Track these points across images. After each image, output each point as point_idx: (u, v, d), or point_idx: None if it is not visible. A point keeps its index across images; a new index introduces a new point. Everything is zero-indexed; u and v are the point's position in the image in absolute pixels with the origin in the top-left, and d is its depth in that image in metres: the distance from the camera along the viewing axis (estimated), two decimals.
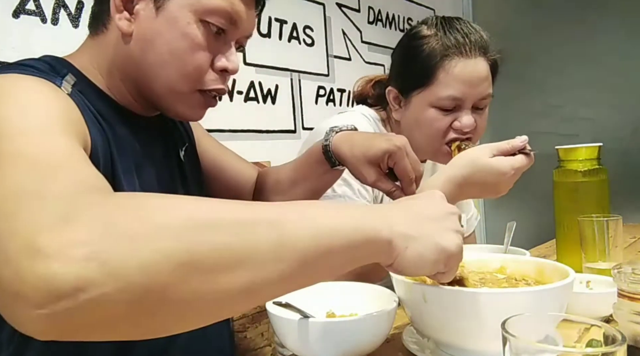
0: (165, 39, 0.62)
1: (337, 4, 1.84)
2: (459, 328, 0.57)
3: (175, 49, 0.62)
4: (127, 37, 0.63)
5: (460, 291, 0.57)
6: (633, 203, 1.76)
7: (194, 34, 0.62)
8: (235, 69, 0.67)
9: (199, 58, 0.63)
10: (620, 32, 2.10)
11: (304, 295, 0.67)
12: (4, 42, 1.01)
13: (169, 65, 0.62)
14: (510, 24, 2.44)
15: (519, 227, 1.00)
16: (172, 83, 0.64)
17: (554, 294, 0.55)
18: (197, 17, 0.62)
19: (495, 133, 2.50)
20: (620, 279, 0.56)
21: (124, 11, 0.62)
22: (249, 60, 1.52)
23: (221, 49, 0.66)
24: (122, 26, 0.62)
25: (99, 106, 0.63)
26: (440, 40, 0.95)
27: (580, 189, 0.96)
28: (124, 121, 0.66)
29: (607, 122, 2.14)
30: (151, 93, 0.66)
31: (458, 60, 0.93)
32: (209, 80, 0.65)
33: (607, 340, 0.36)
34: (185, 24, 0.61)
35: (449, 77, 0.93)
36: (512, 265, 0.71)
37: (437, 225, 0.48)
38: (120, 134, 0.64)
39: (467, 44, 0.94)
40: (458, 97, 0.94)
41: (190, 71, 0.63)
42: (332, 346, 0.57)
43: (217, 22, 0.63)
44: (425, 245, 0.46)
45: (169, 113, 0.69)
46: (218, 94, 0.69)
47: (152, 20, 0.62)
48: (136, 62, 0.63)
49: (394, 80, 1.03)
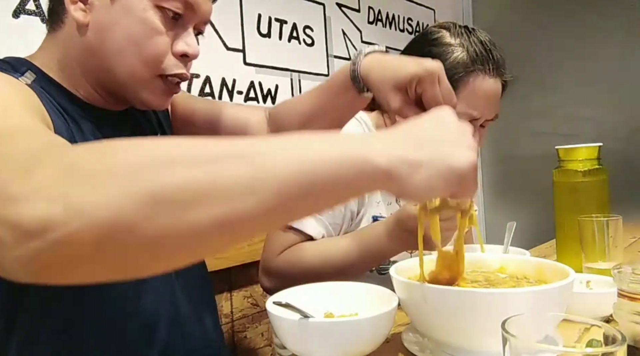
0: (122, 26, 0.62)
1: (337, 4, 1.84)
2: (459, 328, 0.57)
3: (133, 35, 0.62)
4: (83, 28, 0.63)
5: (460, 291, 0.57)
6: (633, 203, 1.76)
7: (151, 20, 0.62)
8: (194, 53, 0.67)
9: (158, 43, 0.63)
10: (620, 32, 2.10)
11: (304, 295, 0.68)
12: (4, 42, 1.01)
13: (128, 52, 0.63)
14: (511, 24, 2.44)
15: (519, 227, 1.00)
16: (132, 69, 0.64)
17: (554, 294, 0.55)
18: (153, 3, 0.62)
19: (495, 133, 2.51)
20: (620, 279, 0.56)
21: (78, 2, 0.62)
22: (249, 60, 1.52)
23: (179, 34, 0.66)
24: (78, 17, 0.62)
25: (61, 102, 0.63)
26: (466, 51, 0.93)
27: (580, 189, 0.96)
28: (88, 116, 0.66)
29: (607, 122, 2.14)
30: (113, 83, 0.66)
31: (482, 79, 0.92)
32: (169, 65, 0.66)
33: (607, 340, 0.36)
34: (141, 10, 0.62)
35: (471, 95, 0.92)
36: (512, 265, 0.71)
37: (446, 144, 0.44)
38: (84, 129, 0.64)
39: (491, 61, 0.92)
40: (475, 116, 0.93)
41: (149, 56, 0.64)
42: (332, 346, 0.57)
43: (173, 7, 0.63)
44: (433, 168, 0.42)
45: (133, 101, 0.69)
46: (180, 80, 0.69)
47: (108, 9, 0.62)
48: (95, 52, 0.64)
49: None
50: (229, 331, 1.29)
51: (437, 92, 0.65)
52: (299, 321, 0.57)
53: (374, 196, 1.01)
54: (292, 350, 0.61)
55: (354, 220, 0.99)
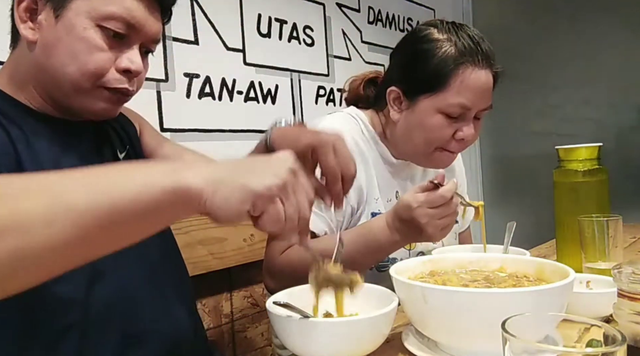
0: (65, 43, 0.66)
1: (337, 4, 1.84)
2: (459, 328, 0.57)
3: (74, 51, 0.66)
4: (32, 45, 0.67)
5: (460, 292, 0.57)
6: (633, 203, 1.76)
7: (91, 38, 0.66)
8: (137, 70, 0.70)
9: (98, 58, 0.67)
10: (620, 32, 2.11)
11: (304, 295, 0.68)
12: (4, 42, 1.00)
13: (70, 66, 0.66)
14: (511, 24, 2.44)
15: (519, 227, 1.00)
16: (74, 81, 0.67)
17: (554, 294, 0.55)
18: (94, 23, 0.66)
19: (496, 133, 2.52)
20: (620, 279, 0.56)
21: (27, 21, 0.67)
22: (249, 60, 1.52)
23: (124, 51, 0.69)
24: (27, 35, 0.67)
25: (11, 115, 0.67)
26: (454, 45, 0.94)
27: (580, 189, 0.96)
28: (43, 126, 0.70)
29: (607, 122, 2.14)
30: (60, 95, 0.69)
31: (472, 70, 0.93)
32: (111, 79, 0.69)
33: (607, 340, 0.36)
34: (81, 29, 0.66)
35: (461, 85, 0.92)
36: (512, 265, 0.71)
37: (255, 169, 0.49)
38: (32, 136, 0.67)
39: (480, 53, 0.94)
40: (467, 106, 0.93)
41: (90, 69, 0.67)
42: (332, 346, 0.57)
43: (114, 27, 0.67)
44: (232, 188, 0.47)
45: (80, 111, 0.72)
46: (124, 94, 0.72)
47: (53, 28, 0.66)
48: (42, 67, 0.68)
49: (397, 82, 1.01)
50: (229, 331, 1.29)
51: (330, 160, 0.68)
52: (299, 321, 0.57)
53: (373, 192, 1.01)
54: (292, 350, 0.61)
55: (354, 216, 0.99)
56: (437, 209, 0.79)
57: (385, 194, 1.03)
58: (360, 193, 0.99)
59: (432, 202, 0.79)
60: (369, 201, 1.01)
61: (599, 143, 0.97)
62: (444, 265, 0.73)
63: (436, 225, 0.80)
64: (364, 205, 1.00)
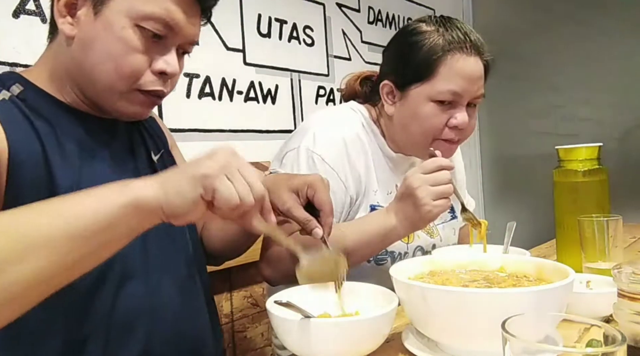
0: (102, 41, 0.65)
1: (337, 4, 1.84)
2: (459, 328, 0.57)
3: (111, 51, 0.65)
4: (69, 40, 0.67)
5: (460, 292, 0.57)
6: (633, 203, 1.76)
7: (129, 38, 0.65)
8: (173, 72, 0.69)
9: (135, 60, 0.66)
10: (620, 32, 2.10)
11: (304, 294, 0.68)
12: (4, 42, 1.01)
13: (106, 65, 0.66)
14: (510, 24, 2.44)
15: (519, 227, 1.00)
16: (110, 82, 0.67)
17: (554, 294, 0.55)
18: (133, 22, 0.65)
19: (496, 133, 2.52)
20: (620, 279, 0.56)
21: (67, 16, 0.66)
22: (249, 60, 1.52)
23: (160, 53, 0.68)
24: (65, 30, 0.66)
25: (43, 110, 0.67)
26: (442, 35, 0.95)
27: (580, 189, 0.96)
28: (76, 122, 0.69)
29: (607, 122, 2.14)
30: (94, 93, 0.69)
31: (460, 56, 0.94)
32: (147, 81, 0.68)
33: (607, 340, 0.36)
34: (119, 28, 0.65)
35: (450, 71, 0.93)
36: (512, 265, 0.71)
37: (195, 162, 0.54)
38: (65, 134, 0.67)
39: (468, 42, 0.95)
40: (458, 92, 0.94)
41: (126, 72, 0.66)
42: (332, 346, 0.57)
43: (152, 27, 0.66)
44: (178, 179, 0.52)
45: (112, 112, 0.71)
46: (158, 96, 0.71)
47: (91, 25, 0.65)
48: (78, 63, 0.67)
49: (388, 75, 1.02)
50: (229, 331, 1.29)
51: (326, 195, 0.75)
52: (299, 321, 0.57)
53: (371, 184, 1.01)
54: (292, 350, 0.61)
55: (352, 207, 0.99)
56: (430, 175, 0.81)
57: (385, 187, 1.03)
58: (359, 184, 0.99)
59: (424, 166, 0.83)
60: (367, 193, 1.01)
61: (599, 143, 0.97)
62: (444, 265, 0.73)
63: (429, 192, 0.80)
64: (362, 196, 1.00)
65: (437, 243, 1.09)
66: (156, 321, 0.70)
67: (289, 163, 0.96)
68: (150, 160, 0.80)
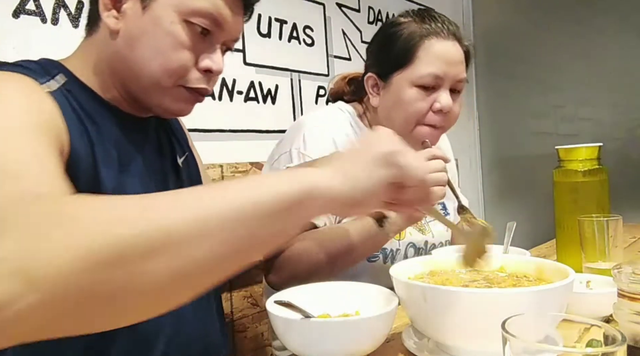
0: (150, 36, 0.64)
1: (337, 4, 1.84)
2: (459, 328, 0.57)
3: (159, 46, 0.64)
4: (114, 34, 0.65)
5: (460, 292, 0.57)
6: (633, 203, 1.76)
7: (178, 33, 0.64)
8: (218, 70, 0.69)
9: (182, 56, 0.65)
10: (620, 32, 2.10)
11: (304, 294, 0.68)
12: (4, 42, 1.01)
13: (153, 61, 0.64)
14: (510, 24, 2.44)
15: (519, 227, 1.00)
16: (156, 78, 0.65)
17: (554, 294, 0.55)
18: (181, 17, 0.64)
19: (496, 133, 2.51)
20: (620, 279, 0.56)
21: (112, 9, 0.65)
22: (249, 60, 1.52)
23: (206, 50, 0.67)
24: (110, 23, 0.64)
25: (86, 104, 0.65)
26: (418, 24, 0.99)
27: (580, 189, 0.96)
28: (113, 119, 0.68)
29: (607, 122, 2.14)
30: (138, 89, 0.68)
31: (437, 41, 0.97)
32: (192, 78, 0.67)
33: (607, 340, 0.36)
34: (169, 23, 0.63)
35: (428, 54, 0.96)
36: (512, 265, 0.71)
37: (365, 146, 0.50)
38: (106, 131, 0.66)
39: (445, 29, 0.98)
40: (438, 75, 0.96)
41: (173, 68, 0.65)
42: (332, 346, 0.57)
43: (201, 22, 0.65)
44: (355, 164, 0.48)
45: (155, 108, 0.70)
46: (202, 94, 0.70)
47: (139, 19, 0.64)
48: (123, 58, 0.65)
49: (372, 68, 1.05)
50: (229, 331, 1.29)
51: None
52: (299, 321, 0.57)
53: None
54: (292, 350, 0.61)
55: None
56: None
57: None
58: None
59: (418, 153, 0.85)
60: None
61: (599, 143, 0.97)
62: (444, 265, 0.73)
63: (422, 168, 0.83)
64: None
65: (429, 239, 1.09)
66: (176, 328, 0.69)
67: (282, 166, 0.98)
68: (175, 161, 0.80)
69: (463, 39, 1.01)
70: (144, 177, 0.71)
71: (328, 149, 0.98)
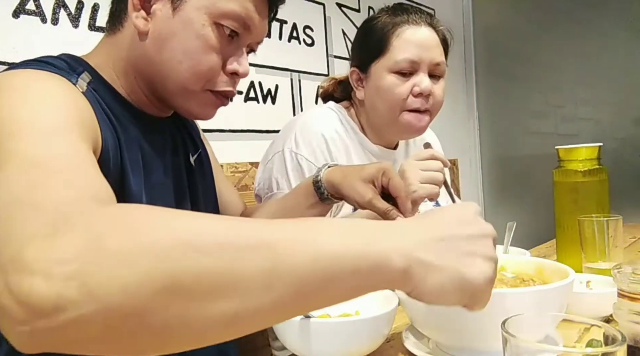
0: (180, 38, 0.63)
1: (337, 4, 1.84)
2: (459, 328, 0.57)
3: (189, 49, 0.63)
4: (143, 36, 0.64)
5: None
6: (633, 203, 1.76)
7: (208, 36, 0.63)
8: (245, 73, 0.69)
9: (212, 59, 0.65)
10: (620, 32, 2.10)
11: None
12: (4, 42, 1.01)
13: (183, 64, 0.64)
14: (510, 24, 2.44)
15: (519, 227, 1.00)
16: (184, 81, 0.65)
17: (554, 294, 0.55)
18: (212, 20, 0.63)
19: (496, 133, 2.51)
20: (620, 279, 0.56)
21: (141, 10, 0.64)
22: (249, 60, 1.52)
23: (233, 53, 0.67)
24: (139, 24, 0.63)
25: (111, 105, 0.64)
26: (390, 16, 1.03)
27: (580, 189, 0.96)
28: (135, 121, 0.67)
29: (607, 122, 2.14)
30: (164, 91, 0.67)
31: (408, 27, 1.00)
32: (220, 81, 0.67)
33: (607, 340, 0.36)
34: (200, 25, 0.63)
35: (402, 41, 0.99)
36: (512, 265, 0.71)
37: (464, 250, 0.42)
38: (130, 133, 0.65)
39: (417, 17, 1.02)
40: (413, 59, 0.99)
41: (202, 71, 0.65)
42: (332, 346, 0.57)
43: (231, 25, 0.64)
44: (447, 276, 0.40)
45: (181, 111, 0.70)
46: (227, 97, 0.70)
47: (169, 20, 0.63)
48: (151, 59, 0.65)
49: (353, 62, 1.09)
50: None
51: (400, 181, 0.73)
52: (299, 322, 0.57)
53: None
54: (292, 350, 0.61)
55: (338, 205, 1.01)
56: (422, 161, 0.85)
57: None
58: None
59: (417, 154, 0.87)
60: None
61: (599, 143, 0.97)
62: None
63: (418, 174, 0.83)
64: None
65: None
66: None
67: (276, 166, 1.01)
68: (187, 159, 0.79)
69: (437, 25, 1.04)
70: (165, 180, 0.71)
71: (319, 145, 1.00)
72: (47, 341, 0.31)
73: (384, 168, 0.73)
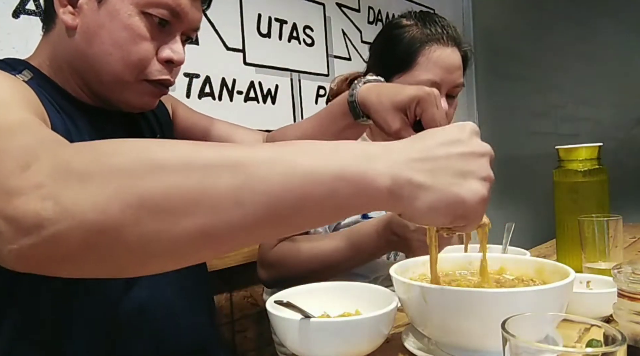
0: (108, 30, 0.63)
1: (337, 4, 1.83)
2: (459, 328, 0.57)
3: (118, 40, 0.63)
4: (71, 31, 0.64)
5: (460, 291, 0.57)
6: (633, 203, 1.76)
7: (136, 26, 0.64)
8: (180, 60, 0.68)
9: (142, 48, 0.65)
10: (620, 32, 2.10)
11: (304, 295, 0.68)
12: (4, 42, 1.01)
13: (113, 55, 0.64)
14: (510, 24, 2.44)
15: (519, 227, 1.00)
16: (117, 73, 0.65)
17: (554, 294, 0.55)
18: (139, 9, 0.63)
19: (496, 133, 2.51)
20: (620, 279, 0.56)
21: (67, 5, 0.64)
22: (249, 60, 1.52)
23: (165, 40, 0.67)
24: (67, 20, 0.64)
25: (57, 99, 0.65)
26: (420, 29, 1.02)
27: (580, 189, 0.96)
28: (84, 114, 0.68)
29: (607, 122, 2.14)
30: (99, 85, 0.67)
31: (437, 47, 1.00)
32: (154, 70, 0.67)
33: (607, 340, 0.36)
34: (126, 16, 0.63)
35: (429, 62, 0.99)
36: (512, 265, 0.71)
37: (457, 170, 0.40)
38: (80, 126, 0.66)
39: (445, 34, 1.01)
40: (436, 82, 0.99)
41: (134, 61, 0.65)
42: (332, 346, 0.57)
43: (158, 14, 0.64)
44: (439, 196, 0.39)
45: (118, 104, 0.70)
46: (165, 85, 0.70)
47: (95, 13, 0.63)
48: (82, 54, 0.65)
49: (374, 68, 1.07)
50: (229, 331, 1.29)
51: (435, 113, 0.66)
52: (299, 321, 0.57)
53: None
54: (292, 350, 0.61)
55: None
56: None
57: None
58: None
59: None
60: None
61: (599, 143, 0.96)
62: (444, 265, 0.73)
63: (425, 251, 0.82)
64: None
65: None
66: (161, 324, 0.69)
67: None
68: None
69: (462, 43, 1.04)
70: None
71: None
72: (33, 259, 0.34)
73: (419, 97, 0.66)
